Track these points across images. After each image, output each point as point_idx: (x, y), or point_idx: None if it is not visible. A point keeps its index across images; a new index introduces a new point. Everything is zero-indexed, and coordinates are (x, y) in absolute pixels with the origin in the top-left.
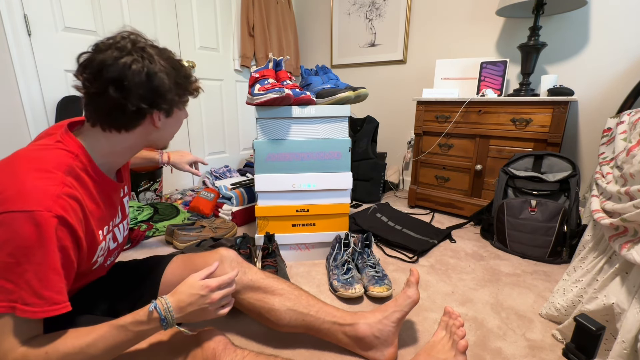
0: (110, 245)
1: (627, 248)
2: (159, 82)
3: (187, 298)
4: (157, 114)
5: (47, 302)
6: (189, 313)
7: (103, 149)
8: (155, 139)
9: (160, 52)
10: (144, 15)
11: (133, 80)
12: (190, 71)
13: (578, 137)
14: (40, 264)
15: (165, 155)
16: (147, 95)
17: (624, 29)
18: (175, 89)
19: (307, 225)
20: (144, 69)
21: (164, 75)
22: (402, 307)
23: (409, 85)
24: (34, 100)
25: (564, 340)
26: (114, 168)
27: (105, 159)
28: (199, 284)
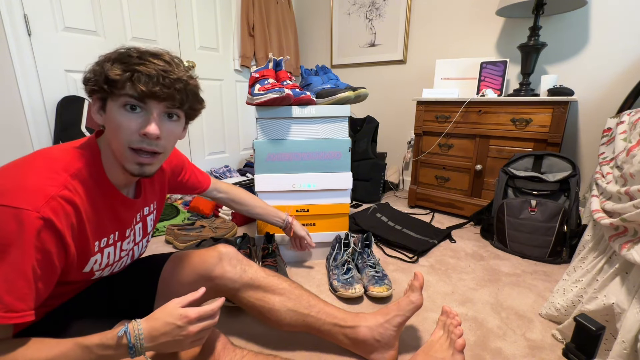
0: (110, 260)
1: (627, 248)
2: (90, 66)
3: (162, 327)
4: (93, 103)
5: (4, 307)
6: (161, 343)
7: (109, 155)
8: (109, 142)
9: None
10: (144, 15)
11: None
12: (132, 54)
13: (578, 137)
14: (12, 264)
15: (290, 218)
16: (93, 79)
17: (624, 29)
18: (97, 71)
19: (307, 225)
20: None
21: (99, 59)
22: (404, 312)
23: (409, 85)
24: (34, 101)
25: (564, 340)
26: (127, 180)
27: (112, 167)
28: (177, 313)
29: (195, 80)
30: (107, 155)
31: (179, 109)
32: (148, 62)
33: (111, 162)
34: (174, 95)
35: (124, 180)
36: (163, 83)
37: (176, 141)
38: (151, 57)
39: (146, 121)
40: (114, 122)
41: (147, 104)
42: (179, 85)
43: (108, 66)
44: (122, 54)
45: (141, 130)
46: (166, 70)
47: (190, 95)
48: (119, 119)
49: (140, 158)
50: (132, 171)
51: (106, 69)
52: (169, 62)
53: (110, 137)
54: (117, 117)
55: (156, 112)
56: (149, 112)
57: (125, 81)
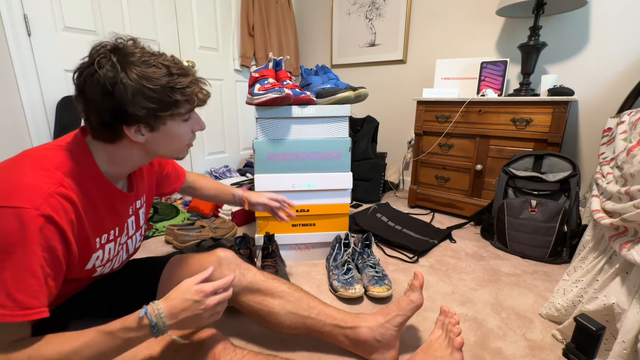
0: (110, 257)
1: (627, 248)
2: (120, 94)
3: (180, 304)
4: (129, 128)
5: (18, 305)
6: (182, 320)
7: (103, 156)
8: (153, 152)
9: (137, 60)
10: (144, 15)
11: (91, 92)
12: (177, 79)
13: (578, 137)
14: (18, 264)
15: (241, 192)
16: (108, 109)
17: (624, 29)
18: (147, 102)
19: (307, 225)
20: (102, 81)
21: (126, 87)
22: (405, 311)
23: (409, 85)
24: (34, 100)
25: (564, 340)
26: (121, 176)
27: (108, 166)
28: (193, 289)
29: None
30: (99, 153)
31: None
32: (191, 81)
33: (112, 159)
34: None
35: (118, 176)
36: (204, 90)
37: None
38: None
39: (197, 122)
40: (173, 135)
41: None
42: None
43: (161, 93)
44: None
45: (195, 129)
46: (198, 79)
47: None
48: (182, 131)
49: (190, 145)
50: (183, 157)
51: (174, 97)
52: (189, 69)
53: (161, 146)
54: (178, 131)
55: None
56: (194, 114)
57: (191, 107)
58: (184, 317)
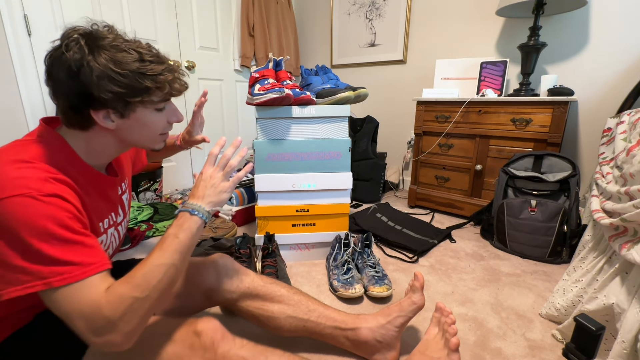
0: (112, 242)
1: (627, 248)
2: (85, 77)
3: (201, 190)
4: (96, 113)
5: (80, 265)
6: (209, 197)
7: (81, 146)
8: (127, 141)
9: (108, 44)
10: (144, 15)
11: (58, 75)
12: (148, 66)
13: (578, 137)
14: (45, 236)
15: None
16: (74, 92)
17: (624, 29)
18: (114, 86)
19: (307, 225)
20: (68, 63)
21: (92, 69)
22: (406, 313)
23: (409, 85)
24: (34, 101)
25: (564, 340)
26: (101, 165)
27: (87, 156)
28: (202, 178)
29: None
30: (95, 146)
31: None
32: (164, 68)
33: (97, 151)
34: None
35: (99, 165)
36: (181, 80)
37: None
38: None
39: (173, 113)
40: (145, 124)
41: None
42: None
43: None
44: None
45: (171, 119)
46: (173, 68)
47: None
48: (154, 120)
49: (165, 136)
50: (159, 148)
51: (130, 82)
52: (164, 58)
53: (134, 134)
54: (151, 120)
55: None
56: (170, 104)
57: (166, 94)
58: (210, 193)
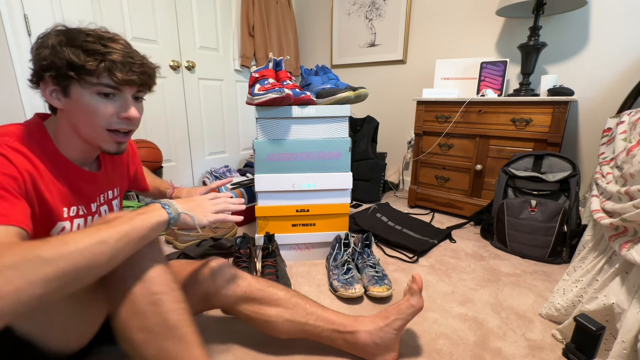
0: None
1: (627, 248)
2: (41, 47)
3: (185, 200)
4: (45, 85)
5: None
6: (188, 206)
7: (53, 132)
8: (77, 127)
9: (75, 30)
10: (144, 15)
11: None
12: (94, 45)
13: (578, 137)
14: None
15: (175, 191)
16: (33, 60)
17: (623, 29)
18: (55, 55)
19: (307, 225)
20: (38, 40)
21: (49, 42)
22: (404, 315)
23: (409, 85)
24: (34, 100)
25: (564, 340)
26: (77, 157)
27: (59, 143)
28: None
29: (153, 63)
30: (63, 133)
31: (146, 92)
32: (113, 49)
33: (67, 139)
34: (146, 80)
35: (80, 158)
36: (135, 70)
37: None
38: (111, 43)
39: (124, 106)
40: (86, 108)
41: (122, 90)
42: (149, 71)
43: (68, 52)
44: (76, 37)
45: (121, 114)
46: (131, 55)
47: (153, 77)
48: (94, 105)
49: (118, 138)
50: (109, 150)
51: (67, 55)
52: (126, 46)
53: (81, 121)
54: (91, 104)
55: (129, 95)
56: (123, 97)
57: (100, 71)
58: (190, 204)
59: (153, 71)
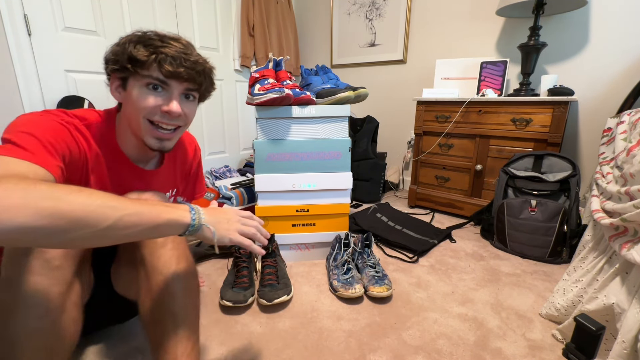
0: None
1: (627, 248)
2: (110, 47)
3: (214, 211)
4: (111, 83)
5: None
6: (216, 218)
7: (118, 125)
8: (127, 117)
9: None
10: (144, 15)
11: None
12: (151, 40)
13: (578, 137)
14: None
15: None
16: (105, 58)
17: (624, 29)
18: (118, 50)
19: (307, 225)
20: (120, 38)
21: (122, 39)
22: None
23: (409, 85)
24: (34, 100)
25: (564, 340)
26: (132, 152)
27: (119, 137)
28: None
29: (210, 64)
30: (123, 127)
31: (197, 91)
32: (170, 45)
33: (124, 133)
34: (195, 76)
35: (136, 154)
36: (185, 65)
37: (193, 118)
38: (171, 40)
39: (168, 100)
40: (135, 99)
41: (170, 85)
42: (199, 68)
43: (131, 47)
44: (143, 36)
45: (163, 107)
46: (186, 52)
47: (207, 77)
48: (142, 96)
49: (159, 133)
50: (151, 145)
51: (129, 50)
52: (187, 46)
53: (130, 112)
54: (139, 95)
55: (177, 91)
56: (170, 92)
57: (151, 63)
58: (218, 217)
59: (205, 69)
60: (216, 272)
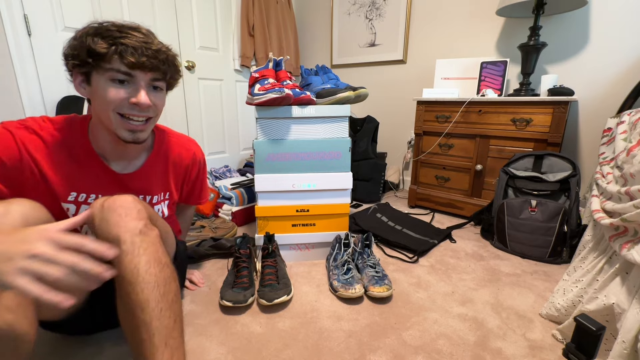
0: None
1: (627, 248)
2: (71, 38)
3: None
4: (75, 78)
5: None
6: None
7: (92, 126)
8: (97, 114)
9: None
10: (144, 15)
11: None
12: (111, 31)
13: (578, 137)
14: None
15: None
16: (64, 53)
17: (623, 29)
18: (77, 44)
19: (307, 225)
20: (76, 32)
21: (79, 32)
22: None
23: (409, 85)
24: (34, 100)
25: (564, 340)
26: (113, 153)
27: (92, 137)
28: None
29: (173, 51)
30: (95, 124)
31: (162, 80)
32: (129, 35)
33: (98, 131)
34: (159, 65)
35: (111, 151)
36: (147, 54)
37: (163, 107)
38: (130, 30)
39: (135, 91)
40: (102, 93)
41: (135, 76)
42: (162, 56)
43: (89, 40)
44: (100, 27)
45: (131, 99)
46: (147, 42)
47: (171, 65)
48: (107, 90)
49: (131, 125)
50: (124, 137)
51: (87, 43)
52: (147, 35)
53: (99, 107)
54: (105, 89)
55: (143, 82)
56: (136, 83)
57: (112, 55)
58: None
59: (168, 57)
60: (216, 272)
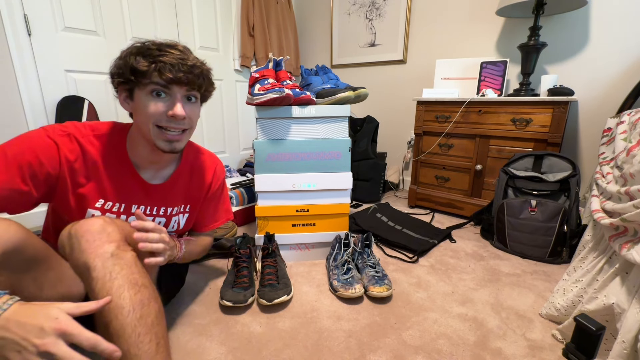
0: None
1: (627, 248)
2: (114, 61)
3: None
4: (119, 95)
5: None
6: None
7: (130, 137)
8: (138, 127)
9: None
10: (144, 15)
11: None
12: (150, 50)
13: (578, 137)
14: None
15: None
16: (110, 72)
17: (624, 29)
18: (121, 63)
19: (307, 225)
20: (121, 52)
21: (123, 52)
22: None
23: (409, 85)
24: (34, 100)
25: (564, 340)
26: (143, 163)
27: (130, 147)
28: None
29: (207, 66)
30: (135, 135)
31: (197, 91)
32: (167, 53)
33: (137, 141)
34: (194, 79)
35: (147, 163)
36: (183, 70)
37: (198, 119)
38: (168, 48)
39: (172, 104)
40: (142, 107)
41: (171, 89)
42: (197, 71)
43: (132, 59)
44: (142, 47)
45: (168, 112)
46: (183, 58)
47: (205, 78)
48: (147, 104)
49: (168, 135)
50: (162, 148)
51: (130, 62)
52: (183, 51)
53: (139, 121)
54: (145, 103)
55: (179, 95)
56: (173, 96)
57: (152, 72)
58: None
59: (203, 71)
60: (216, 272)
